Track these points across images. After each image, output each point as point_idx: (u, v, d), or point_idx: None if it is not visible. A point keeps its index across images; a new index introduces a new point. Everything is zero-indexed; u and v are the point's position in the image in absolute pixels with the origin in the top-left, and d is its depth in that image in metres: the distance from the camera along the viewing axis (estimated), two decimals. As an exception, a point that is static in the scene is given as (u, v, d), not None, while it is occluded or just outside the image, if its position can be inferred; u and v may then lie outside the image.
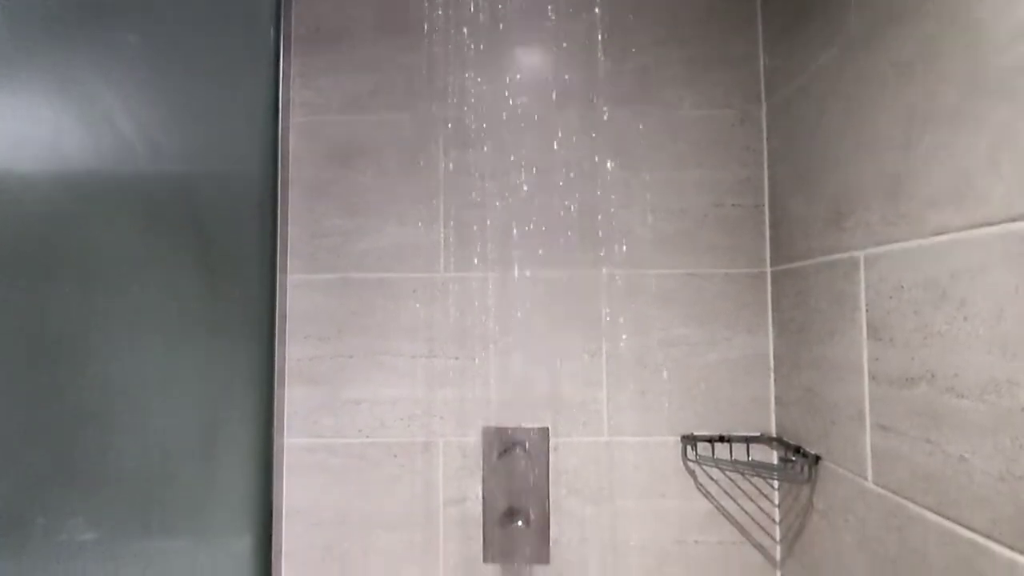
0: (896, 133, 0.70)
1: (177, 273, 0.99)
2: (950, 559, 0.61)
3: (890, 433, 0.71)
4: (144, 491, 0.93)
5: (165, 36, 0.91)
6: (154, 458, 0.94)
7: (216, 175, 1.04)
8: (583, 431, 1.03)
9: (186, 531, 0.98)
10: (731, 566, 1.01)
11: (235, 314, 1.04)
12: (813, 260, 0.89)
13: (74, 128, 0.86)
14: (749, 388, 1.03)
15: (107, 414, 0.90)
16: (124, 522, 0.91)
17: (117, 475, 0.90)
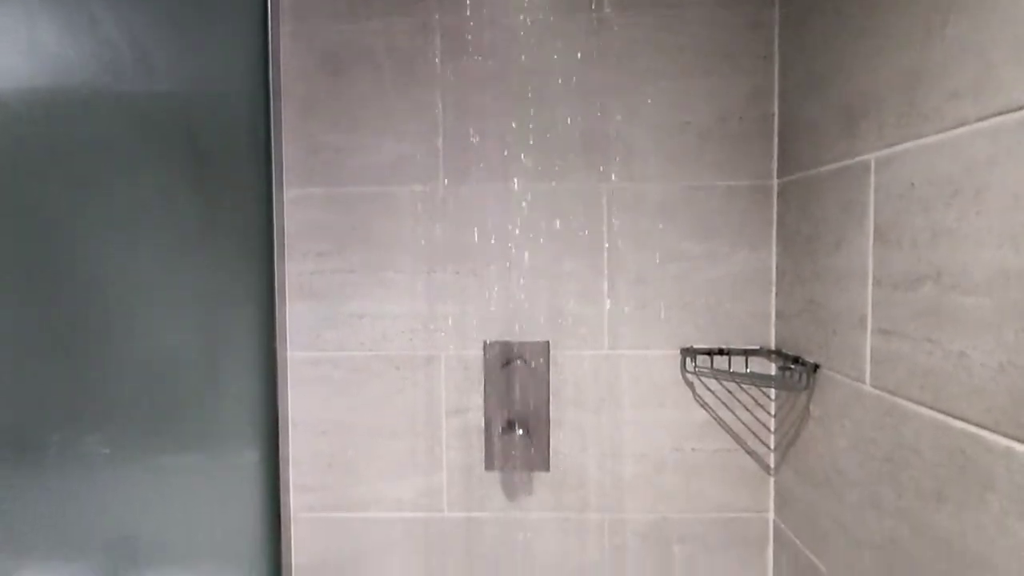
0: (917, 27, 0.66)
1: (173, 186, 0.97)
2: (943, 451, 0.62)
3: (891, 336, 0.71)
4: (153, 406, 0.94)
5: None
6: (162, 374, 0.95)
7: (207, 87, 1.00)
8: (583, 344, 1.04)
9: (196, 444, 1.00)
10: (726, 473, 1.04)
11: (233, 228, 1.03)
12: (823, 168, 0.87)
13: (64, 39, 0.82)
14: (750, 302, 1.03)
15: (115, 332, 0.90)
16: (135, 437, 0.93)
17: (127, 392, 0.92)
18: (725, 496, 1.04)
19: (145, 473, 0.94)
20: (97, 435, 0.91)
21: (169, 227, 0.97)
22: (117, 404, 0.91)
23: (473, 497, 1.05)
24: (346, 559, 1.06)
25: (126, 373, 0.92)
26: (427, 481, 1.05)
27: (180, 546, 0.99)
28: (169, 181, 0.96)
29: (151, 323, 0.95)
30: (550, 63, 1.02)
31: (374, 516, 1.06)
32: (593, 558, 1.04)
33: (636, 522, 1.04)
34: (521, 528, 1.05)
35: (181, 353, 0.98)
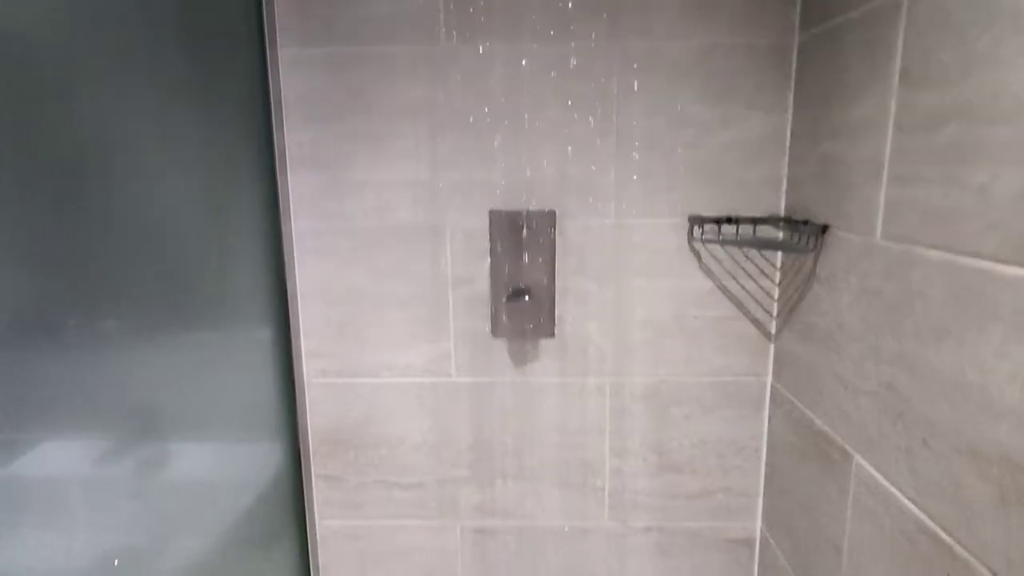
0: None
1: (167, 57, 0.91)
2: (950, 291, 0.62)
3: (907, 182, 0.69)
4: (165, 284, 0.94)
5: None
6: (170, 251, 0.95)
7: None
8: (590, 213, 1.02)
9: (209, 318, 1.02)
10: (727, 339, 1.06)
11: (230, 95, 0.99)
12: (849, 14, 0.81)
13: None
14: (761, 168, 1.00)
15: (121, 212, 0.89)
16: (150, 315, 0.94)
17: (138, 272, 0.91)
18: (725, 361, 1.07)
19: (161, 348, 0.96)
20: (112, 315, 0.91)
21: (167, 96, 0.93)
22: (130, 285, 0.91)
23: (480, 362, 1.08)
24: (359, 421, 1.11)
25: (136, 254, 0.92)
26: (435, 348, 1.08)
27: (201, 414, 1.03)
28: (162, 48, 0.91)
29: (157, 198, 0.93)
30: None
31: (385, 381, 1.09)
32: (595, 419, 1.09)
33: (637, 385, 1.08)
34: (526, 391, 1.09)
35: (188, 229, 0.97)
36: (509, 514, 1.13)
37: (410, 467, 1.12)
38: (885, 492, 0.73)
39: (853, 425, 0.81)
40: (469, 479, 1.12)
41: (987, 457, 0.57)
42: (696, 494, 1.11)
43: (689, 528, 1.12)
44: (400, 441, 1.11)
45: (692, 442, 1.09)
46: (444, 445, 1.11)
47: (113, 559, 0.94)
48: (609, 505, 1.12)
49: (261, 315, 1.08)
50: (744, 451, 1.09)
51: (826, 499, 0.88)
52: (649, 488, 1.11)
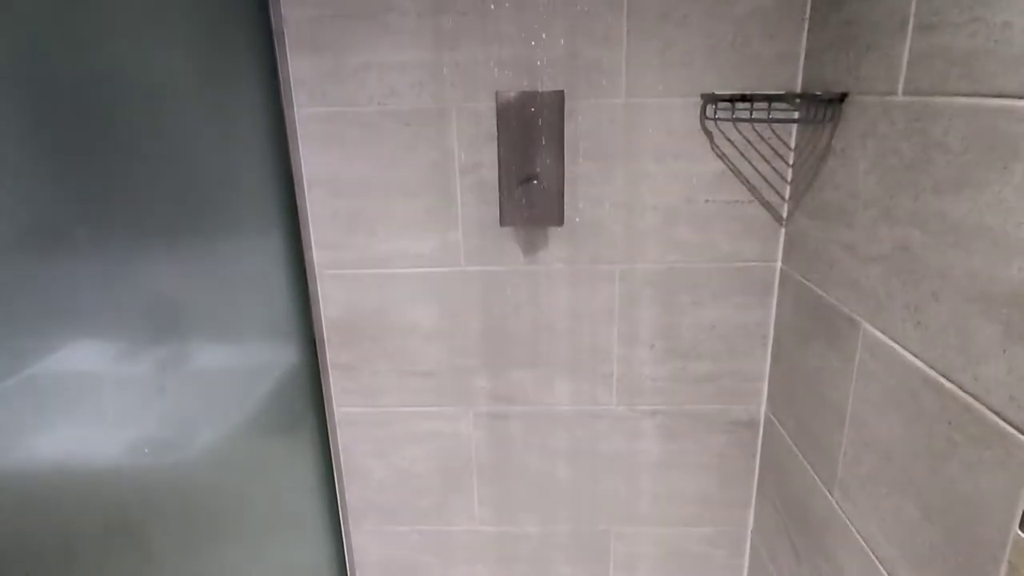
0: None
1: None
2: (973, 136, 0.60)
3: (932, 31, 0.66)
4: (171, 184, 0.93)
5: None
6: (174, 151, 0.93)
7: None
8: (600, 93, 0.99)
9: (217, 215, 1.01)
10: (738, 224, 1.05)
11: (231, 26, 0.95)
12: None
13: None
14: (779, 43, 0.96)
15: (119, 107, 0.86)
16: (159, 217, 0.93)
17: (144, 173, 0.90)
18: (735, 247, 1.06)
19: (174, 248, 0.97)
20: (124, 218, 0.91)
21: None
22: (139, 188, 0.90)
23: (489, 251, 1.08)
24: (372, 311, 1.13)
25: (141, 155, 0.90)
26: (444, 236, 1.08)
27: (217, 311, 1.04)
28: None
29: (156, 96, 0.91)
30: None
31: (395, 272, 1.10)
32: (604, 305, 1.10)
33: (646, 271, 1.08)
34: (535, 279, 1.09)
35: (191, 126, 0.95)
36: (520, 400, 1.16)
37: (423, 356, 1.14)
38: (891, 353, 0.74)
39: (862, 292, 0.81)
40: (481, 367, 1.15)
41: (996, 298, 0.57)
42: (703, 378, 1.13)
43: (695, 411, 1.15)
44: (412, 331, 1.13)
45: (700, 328, 1.10)
46: (455, 334, 1.13)
47: (143, 448, 0.99)
48: (617, 390, 1.15)
49: (270, 209, 1.08)
50: (751, 336, 1.10)
51: (830, 372, 0.90)
52: (656, 373, 1.13)
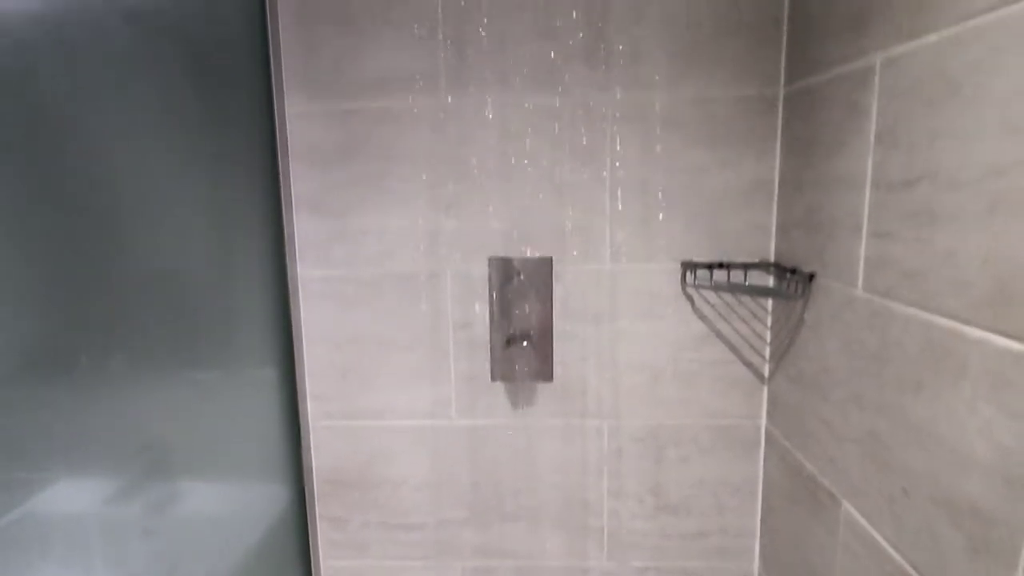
0: (932, -88, 0.63)
1: (179, 105, 0.97)
2: (925, 346, 0.64)
3: (884, 239, 0.72)
4: (175, 324, 0.98)
5: None
6: (181, 293, 0.99)
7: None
8: (586, 258, 1.06)
9: (217, 359, 1.05)
10: (722, 382, 1.08)
11: (240, 144, 1.04)
12: (828, 73, 0.85)
13: None
14: (751, 215, 1.04)
15: (130, 254, 0.93)
16: (159, 355, 0.98)
17: (148, 312, 0.95)
18: (720, 404, 1.09)
19: (170, 389, 0.99)
20: (124, 356, 0.95)
21: (175, 140, 0.98)
22: (141, 326, 0.95)
23: (479, 406, 1.11)
24: (362, 463, 1.13)
25: (146, 294, 0.96)
26: (436, 391, 1.10)
27: (209, 454, 1.05)
28: (174, 98, 0.96)
29: (166, 241, 0.97)
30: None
31: (387, 424, 1.12)
32: (593, 461, 1.11)
33: (634, 428, 1.10)
34: (524, 434, 1.11)
35: (198, 272, 1.01)
36: (509, 554, 1.14)
37: (412, 509, 1.14)
38: (870, 538, 0.75)
39: (840, 470, 0.82)
40: (469, 520, 1.14)
41: (959, 507, 0.59)
42: (693, 534, 1.12)
43: (687, 568, 1.13)
44: (402, 483, 1.13)
45: (689, 484, 1.11)
46: (445, 487, 1.13)
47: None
48: (607, 545, 1.13)
49: (267, 357, 1.12)
50: (740, 492, 1.10)
51: (817, 542, 0.89)
52: (646, 529, 1.12)
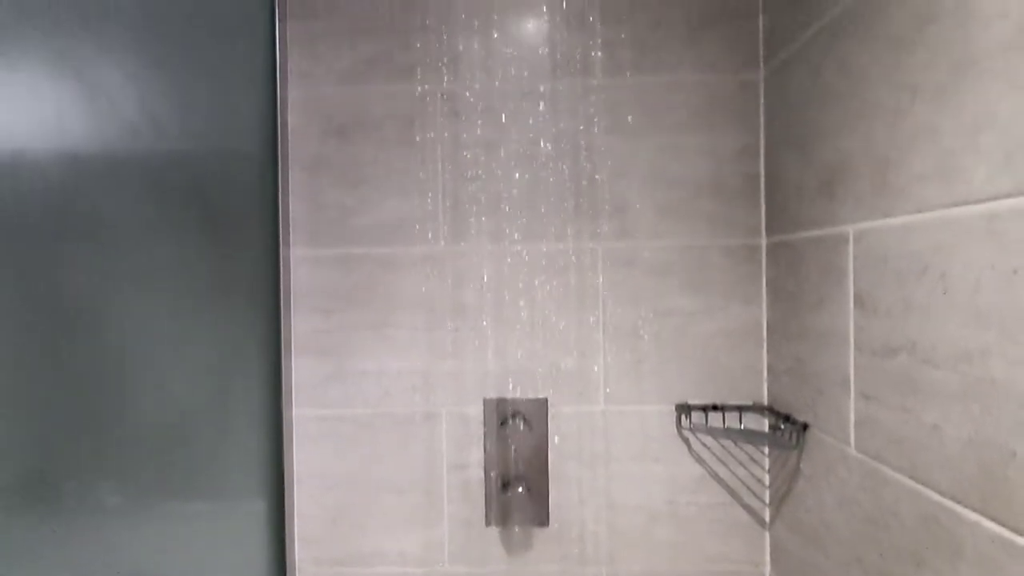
0: (887, 106, 0.70)
1: (184, 246, 1.01)
2: (920, 518, 0.64)
3: (872, 402, 0.73)
4: (164, 456, 0.98)
5: (163, 10, 0.91)
6: (172, 425, 0.99)
7: (218, 149, 1.05)
8: (580, 400, 1.07)
9: (204, 494, 1.03)
10: (721, 526, 1.05)
11: (242, 287, 1.07)
12: (805, 233, 0.90)
13: (77, 105, 0.88)
14: (743, 357, 1.06)
15: (127, 384, 0.94)
16: (146, 486, 0.96)
17: (138, 441, 0.95)
18: (719, 549, 1.05)
19: (157, 522, 0.97)
20: (111, 485, 0.94)
21: (181, 283, 1.01)
22: (130, 455, 0.95)
23: (473, 552, 1.07)
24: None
25: (139, 425, 0.96)
26: (429, 535, 1.07)
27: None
28: (182, 240, 1.01)
29: (165, 377, 0.99)
30: (545, 124, 1.07)
31: (378, 571, 1.07)
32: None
33: (633, 573, 1.05)
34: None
35: (192, 406, 1.02)
36: None
37: (399, 665, 1.07)
38: None
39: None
40: None
41: None
42: None
43: None
44: (390, 636, 1.07)
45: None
46: (435, 641, 1.07)
47: None
48: None
49: (257, 496, 1.09)
50: (748, 649, 1.04)
51: None
52: None
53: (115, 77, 0.92)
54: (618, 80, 1.06)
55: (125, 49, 0.94)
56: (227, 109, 1.07)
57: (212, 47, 1.02)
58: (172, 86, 1.00)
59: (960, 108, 0.58)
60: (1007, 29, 0.53)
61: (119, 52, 0.93)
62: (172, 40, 0.98)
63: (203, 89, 1.03)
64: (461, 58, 1.08)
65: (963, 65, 0.58)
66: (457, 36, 1.08)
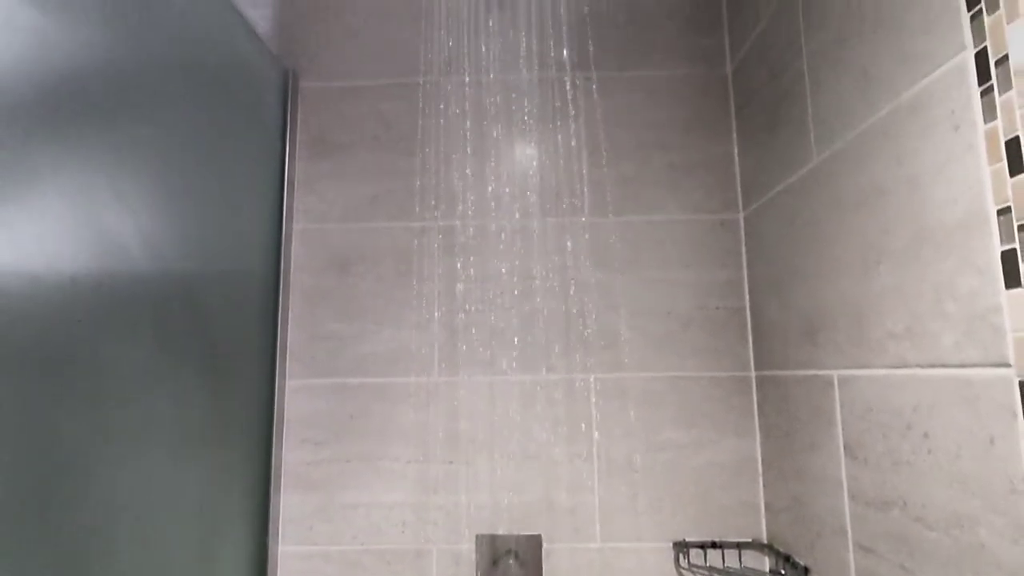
0: (856, 262, 0.74)
1: (181, 379, 1.02)
2: None
3: (870, 554, 0.72)
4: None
5: (175, 146, 0.96)
6: (156, 559, 0.95)
7: (222, 281, 1.09)
8: (575, 537, 1.04)
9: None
10: None
11: (236, 419, 1.07)
12: (792, 372, 0.92)
13: (81, 235, 0.90)
14: (739, 492, 1.04)
15: (110, 522, 0.92)
16: None
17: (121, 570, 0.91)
18: None
19: None
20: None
21: (173, 417, 1.01)
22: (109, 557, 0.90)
23: None
24: None
25: (121, 555, 0.92)
26: None
27: None
28: (177, 373, 1.02)
29: (150, 523, 0.96)
30: (538, 261, 1.12)
31: None
32: None
33: None
34: None
35: (176, 546, 0.98)
36: None
37: None
38: None
39: None
40: None
41: None
42: None
43: None
44: None
45: None
46: None
47: None
48: None
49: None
50: None
51: None
52: None
53: (120, 207, 0.95)
54: (605, 219, 1.12)
55: (132, 179, 0.98)
56: (234, 242, 1.11)
57: (223, 185, 1.08)
58: (181, 219, 1.05)
59: (922, 275, 0.62)
60: (957, 212, 0.57)
61: (126, 182, 0.97)
62: (183, 176, 1.03)
63: (211, 222, 1.08)
64: (458, 197, 1.14)
65: (921, 236, 0.62)
66: (454, 177, 1.15)
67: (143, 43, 0.86)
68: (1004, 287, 0.52)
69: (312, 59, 1.20)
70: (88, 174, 0.81)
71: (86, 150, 0.80)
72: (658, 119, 1.15)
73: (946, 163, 0.58)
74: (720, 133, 1.14)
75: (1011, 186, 0.51)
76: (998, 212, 0.53)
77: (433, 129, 1.16)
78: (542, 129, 1.16)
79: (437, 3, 1.21)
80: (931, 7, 0.60)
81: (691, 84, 1.16)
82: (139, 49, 0.86)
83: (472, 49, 1.19)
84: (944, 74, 0.59)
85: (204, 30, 0.98)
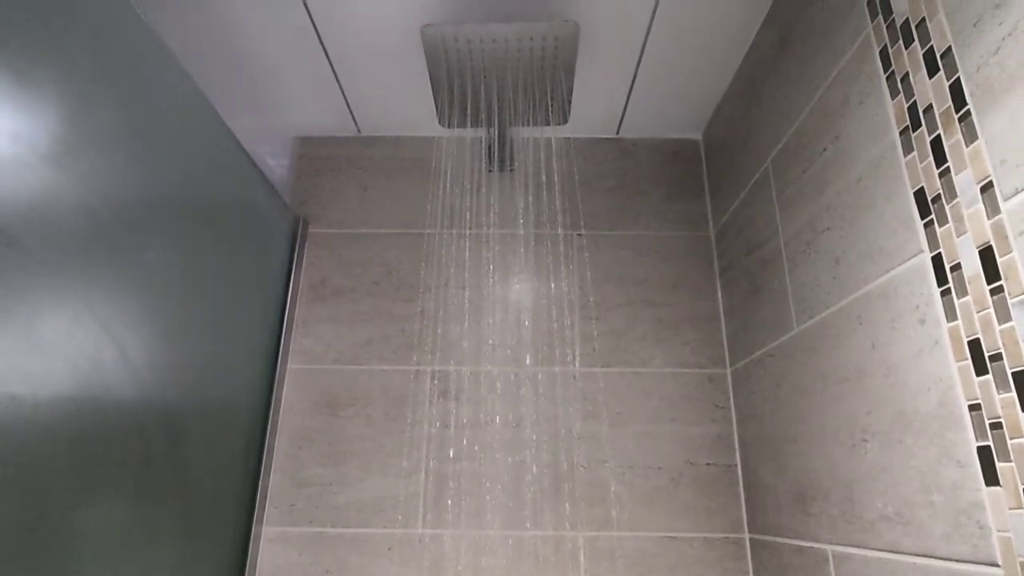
0: (843, 435, 0.75)
1: (155, 533, 0.97)
2: None
3: None
4: None
5: (176, 279, 0.99)
6: None
7: (210, 420, 1.07)
8: None
9: None
10: None
11: (208, 565, 1.01)
12: (787, 540, 0.90)
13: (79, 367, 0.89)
14: (738, 672, 0.97)
15: None
16: None
17: None
18: None
19: None
20: None
21: (147, 560, 0.95)
22: None
23: None
24: None
25: None
26: None
27: None
28: (156, 524, 0.97)
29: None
30: (528, 410, 1.12)
31: None
32: None
33: None
34: None
35: None
36: None
37: None
38: None
39: None
40: None
41: None
42: None
43: None
44: None
45: None
46: None
47: None
48: None
49: None
50: None
51: None
52: None
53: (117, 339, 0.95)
54: (595, 371, 1.14)
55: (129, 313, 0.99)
56: (228, 378, 1.11)
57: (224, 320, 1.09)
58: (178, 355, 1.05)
59: (907, 460, 0.63)
60: (931, 402, 0.60)
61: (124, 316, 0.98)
62: (185, 314, 1.05)
63: (208, 359, 1.09)
64: (453, 345, 1.17)
65: (902, 421, 0.64)
66: (451, 325, 1.18)
67: (156, 183, 0.91)
68: (984, 484, 0.53)
69: (324, 208, 1.28)
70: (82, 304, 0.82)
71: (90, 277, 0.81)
72: (646, 276, 1.21)
73: (918, 353, 0.62)
74: (706, 291, 1.20)
75: (978, 385, 0.54)
76: (969, 408, 0.55)
77: (433, 277, 1.22)
78: (536, 281, 1.21)
79: (443, 164, 1.32)
80: (890, 211, 0.67)
81: (677, 244, 1.23)
82: (152, 189, 0.90)
83: (473, 205, 1.28)
84: (907, 270, 0.64)
85: (220, 177, 1.05)
